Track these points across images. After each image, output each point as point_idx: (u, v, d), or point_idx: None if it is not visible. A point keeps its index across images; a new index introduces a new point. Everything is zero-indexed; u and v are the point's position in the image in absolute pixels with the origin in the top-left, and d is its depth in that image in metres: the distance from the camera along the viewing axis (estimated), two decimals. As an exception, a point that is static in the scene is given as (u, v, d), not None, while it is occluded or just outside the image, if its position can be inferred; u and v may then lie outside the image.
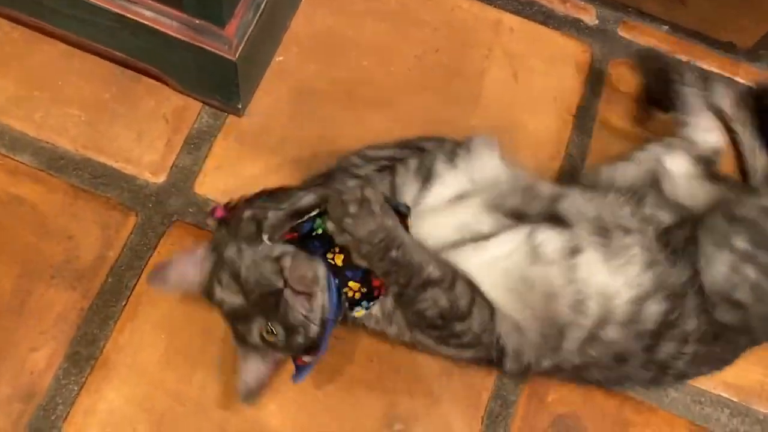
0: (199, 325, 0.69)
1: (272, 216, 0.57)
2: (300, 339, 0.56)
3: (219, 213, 0.60)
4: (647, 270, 0.61)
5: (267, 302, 0.55)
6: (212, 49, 0.66)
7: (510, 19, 0.89)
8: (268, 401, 0.67)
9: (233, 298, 0.58)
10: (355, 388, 0.69)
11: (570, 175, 0.81)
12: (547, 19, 0.90)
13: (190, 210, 0.74)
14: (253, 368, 0.60)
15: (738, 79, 0.90)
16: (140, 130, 0.76)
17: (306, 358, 0.59)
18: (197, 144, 0.76)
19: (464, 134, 0.76)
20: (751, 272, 0.60)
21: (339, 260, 0.57)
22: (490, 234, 0.61)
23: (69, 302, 0.69)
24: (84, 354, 0.67)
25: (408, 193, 0.62)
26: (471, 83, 0.84)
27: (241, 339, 0.59)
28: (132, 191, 0.74)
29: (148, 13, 0.66)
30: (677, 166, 0.72)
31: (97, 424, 0.65)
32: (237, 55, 0.66)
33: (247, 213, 0.58)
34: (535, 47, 0.88)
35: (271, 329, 0.56)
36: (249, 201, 0.60)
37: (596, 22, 0.91)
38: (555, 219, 0.62)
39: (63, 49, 0.78)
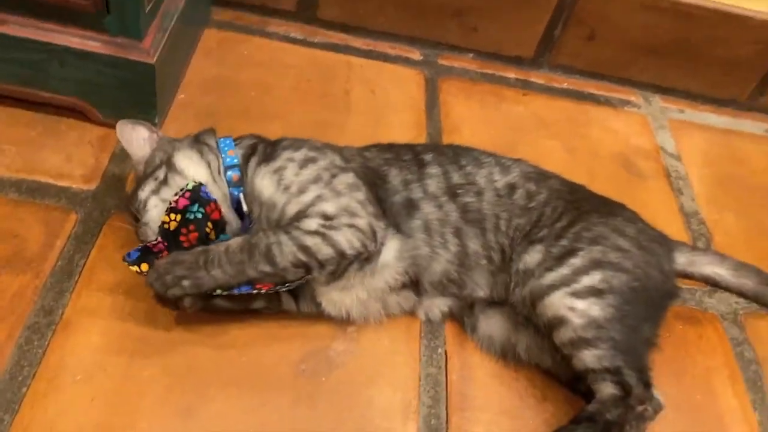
0: (153, 280, 0.75)
1: None
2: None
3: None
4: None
5: None
6: (134, 58, 0.82)
7: (358, 60, 1.15)
8: (233, 328, 0.73)
9: None
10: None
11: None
12: (386, 59, 1.17)
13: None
14: None
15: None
16: (69, 154, 0.86)
17: None
18: (122, 158, 0.88)
19: (344, 132, 0.97)
20: None
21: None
22: None
23: (22, 284, 0.73)
24: (44, 322, 0.70)
25: None
26: (340, 98, 1.06)
27: None
28: (69, 197, 0.82)
29: (74, 39, 0.81)
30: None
31: (68, 374, 0.67)
32: (155, 59, 0.83)
33: None
34: (382, 75, 1.13)
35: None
36: None
37: (421, 57, 1.20)
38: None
39: (-15, 106, 0.89)
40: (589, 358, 0.70)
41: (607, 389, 0.70)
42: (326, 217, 0.70)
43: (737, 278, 0.91)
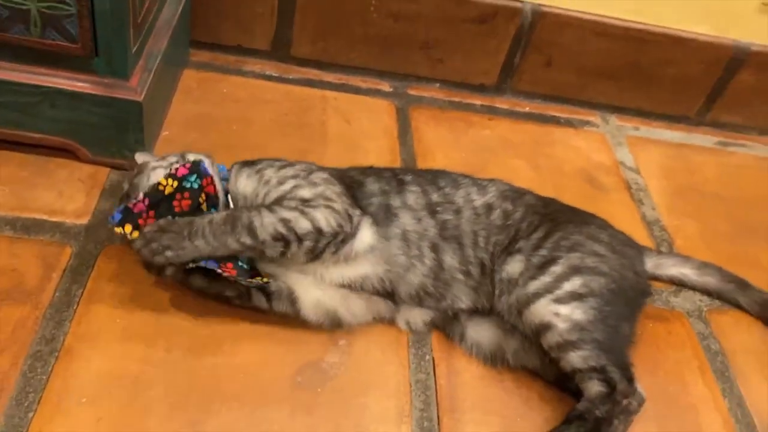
0: (150, 304, 0.79)
1: None
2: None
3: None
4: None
5: None
6: (122, 96, 0.86)
7: (332, 93, 1.21)
8: (230, 346, 0.77)
9: None
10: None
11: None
12: (358, 91, 1.24)
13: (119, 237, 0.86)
14: None
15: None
16: (60, 191, 0.90)
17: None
18: (112, 193, 0.91)
19: (323, 159, 1.03)
20: None
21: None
22: None
23: (23, 314, 0.75)
24: (45, 350, 0.72)
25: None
26: (317, 129, 1.12)
27: None
28: (62, 232, 0.85)
29: (64, 81, 0.85)
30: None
31: (73, 398, 0.69)
32: (142, 97, 0.87)
33: None
34: (356, 106, 1.19)
35: None
36: None
37: (391, 89, 1.26)
38: None
39: (-24, 150, 0.92)
40: (575, 359, 0.75)
41: (594, 387, 0.75)
42: (304, 201, 0.76)
43: (701, 276, 0.98)
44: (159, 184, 0.75)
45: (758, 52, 1.28)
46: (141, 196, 0.75)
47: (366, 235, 0.79)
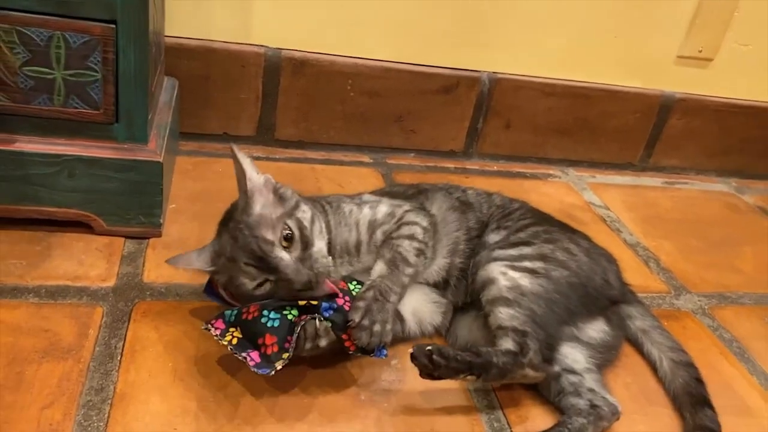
0: (196, 346, 0.76)
1: None
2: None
3: None
4: None
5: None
6: (143, 158, 0.88)
7: (320, 167, 1.27)
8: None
9: None
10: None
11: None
12: (342, 163, 1.30)
13: (148, 292, 0.84)
14: None
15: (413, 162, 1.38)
16: (79, 260, 0.88)
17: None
18: (132, 258, 0.90)
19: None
20: None
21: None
22: None
23: (65, 368, 0.71)
24: (97, 400, 0.68)
25: None
26: (315, 194, 1.16)
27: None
28: (90, 295, 0.82)
29: (84, 148, 0.87)
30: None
31: (137, 438, 0.65)
32: (162, 158, 0.90)
33: None
34: (344, 175, 1.26)
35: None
36: None
37: (371, 161, 1.34)
38: None
39: (-15, 232, 0.89)
40: (504, 314, 0.77)
41: (506, 343, 0.75)
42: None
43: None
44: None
45: (682, 99, 1.47)
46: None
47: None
